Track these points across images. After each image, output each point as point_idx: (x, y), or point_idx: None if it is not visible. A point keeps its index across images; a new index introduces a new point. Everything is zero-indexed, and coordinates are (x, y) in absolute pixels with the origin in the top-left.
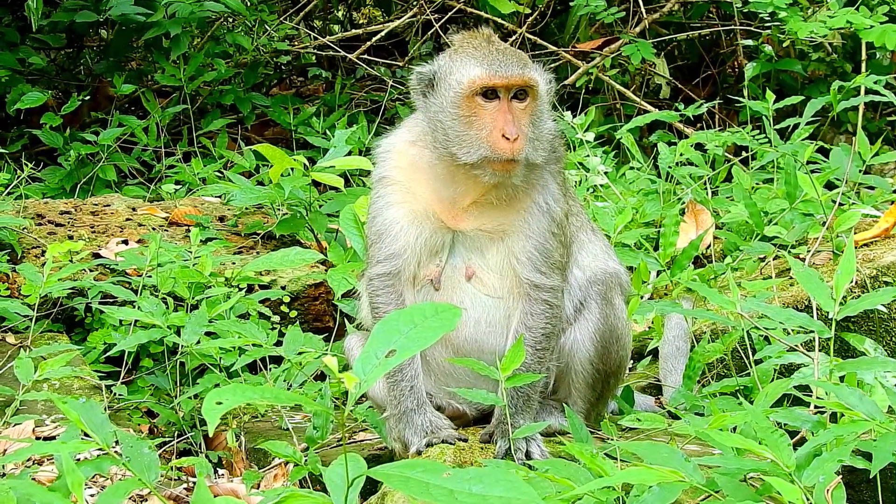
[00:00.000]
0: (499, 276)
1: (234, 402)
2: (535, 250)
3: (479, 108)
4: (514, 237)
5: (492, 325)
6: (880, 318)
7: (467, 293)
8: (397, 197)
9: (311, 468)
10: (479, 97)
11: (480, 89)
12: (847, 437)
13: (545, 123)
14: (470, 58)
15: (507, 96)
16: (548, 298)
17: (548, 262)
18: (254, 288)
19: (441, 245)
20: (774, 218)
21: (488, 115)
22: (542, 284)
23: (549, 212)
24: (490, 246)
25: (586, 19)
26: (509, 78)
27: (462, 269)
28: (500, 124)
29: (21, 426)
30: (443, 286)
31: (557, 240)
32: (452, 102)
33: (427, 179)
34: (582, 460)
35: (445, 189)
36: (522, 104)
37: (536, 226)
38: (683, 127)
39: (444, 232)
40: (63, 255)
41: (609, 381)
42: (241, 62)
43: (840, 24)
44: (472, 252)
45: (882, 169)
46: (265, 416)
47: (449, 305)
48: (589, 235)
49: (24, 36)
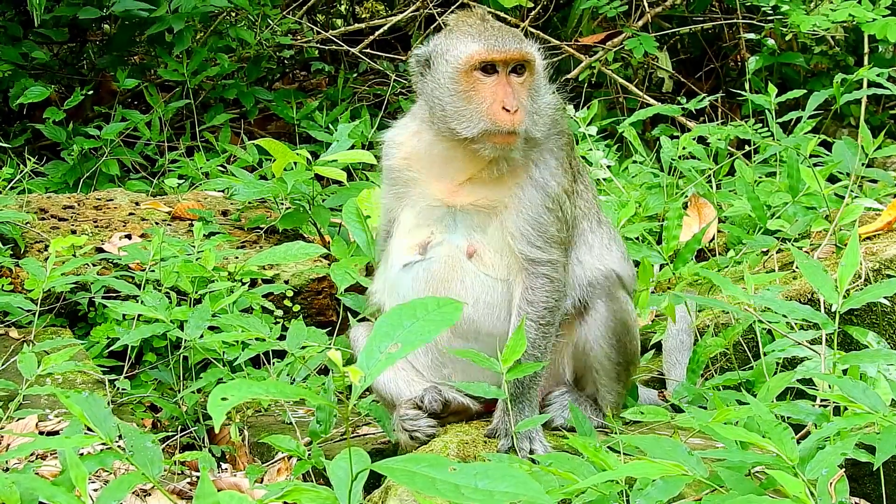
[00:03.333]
0: (499, 255)
1: (239, 397)
2: (527, 225)
3: (477, 83)
4: (507, 212)
5: (490, 307)
6: (883, 311)
7: (468, 271)
8: (398, 189)
9: (315, 462)
10: (478, 72)
11: (479, 64)
12: (850, 431)
13: (543, 98)
14: (466, 35)
15: (506, 71)
16: (547, 272)
17: (543, 236)
18: (257, 282)
19: (435, 219)
20: (777, 211)
21: (487, 89)
22: (538, 258)
23: (543, 186)
24: (488, 223)
25: (589, 13)
26: (507, 52)
27: (464, 247)
28: (500, 97)
29: (24, 421)
30: (442, 264)
31: (553, 215)
32: (451, 78)
33: (426, 163)
34: (585, 454)
35: (443, 168)
36: (520, 78)
37: (529, 200)
38: (686, 120)
39: (441, 208)
40: (66, 249)
41: (629, 370)
42: (244, 56)
43: (842, 18)
44: (473, 230)
45: (885, 162)
46: (268, 410)
47: (451, 300)
48: (593, 225)
49: (27, 30)
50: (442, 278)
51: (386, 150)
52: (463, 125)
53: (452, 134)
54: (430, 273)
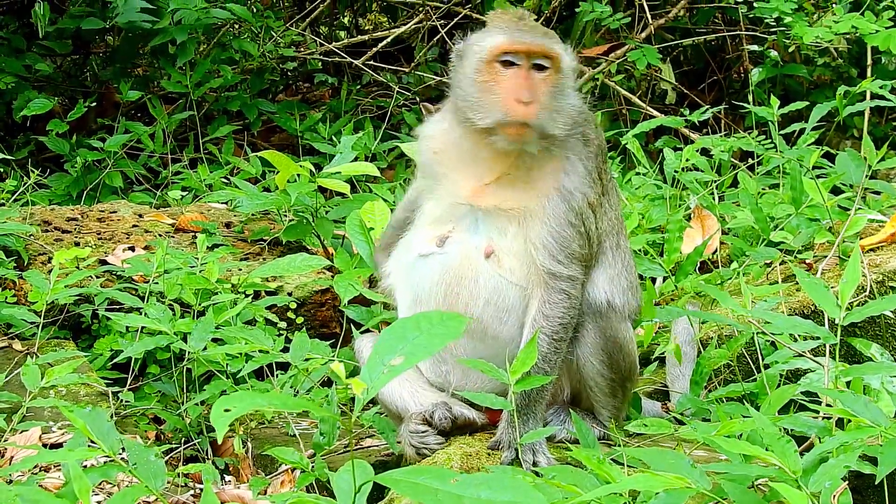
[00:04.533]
0: (518, 261)
1: (242, 409)
2: (550, 237)
3: (497, 75)
4: (531, 221)
5: (500, 310)
6: (886, 323)
7: (482, 271)
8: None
9: (318, 474)
10: (499, 64)
11: (500, 54)
12: (853, 443)
13: (567, 98)
14: (495, 28)
15: (527, 65)
16: (566, 288)
17: (565, 251)
18: (260, 294)
19: (458, 217)
20: (780, 223)
21: (506, 81)
22: (559, 273)
23: (569, 198)
24: (510, 227)
25: (592, 25)
26: (528, 44)
27: (483, 246)
28: (516, 88)
29: (28, 433)
30: (459, 260)
31: (576, 230)
32: (474, 69)
33: (455, 159)
34: (589, 466)
35: (471, 166)
36: (542, 74)
37: (553, 211)
38: (689, 132)
39: (465, 206)
40: (70, 261)
41: (626, 386)
42: (247, 68)
43: (845, 29)
44: (493, 231)
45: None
46: (272, 422)
47: (455, 314)
48: (607, 255)
49: (30, 42)
50: (456, 274)
51: (419, 143)
52: (479, 115)
53: (470, 124)
54: (445, 267)
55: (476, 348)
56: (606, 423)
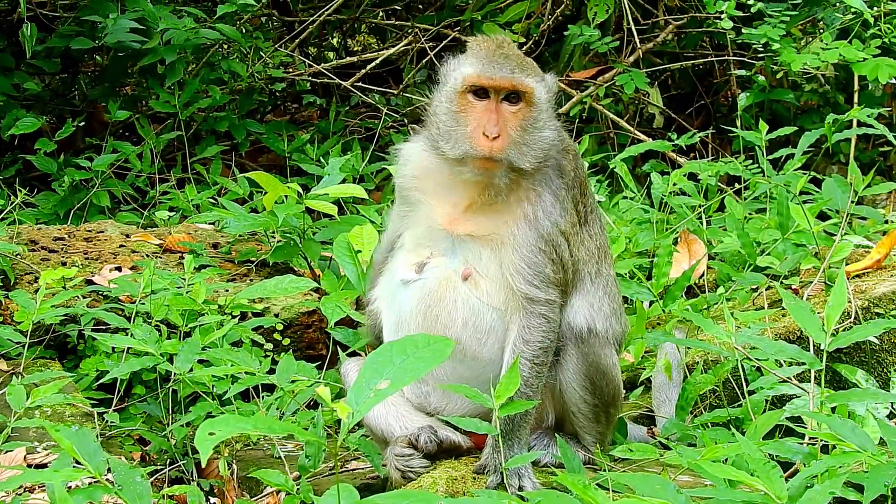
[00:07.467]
0: (495, 284)
1: (226, 432)
2: (523, 263)
3: (469, 106)
4: (503, 248)
5: (479, 331)
6: (872, 349)
7: (460, 293)
8: (405, 208)
9: (304, 497)
10: (471, 95)
11: (471, 87)
12: (839, 469)
13: (539, 132)
14: (471, 56)
15: (497, 98)
16: (544, 312)
17: (539, 276)
18: (247, 315)
19: (435, 242)
20: (767, 248)
21: (476, 112)
22: (537, 298)
23: (537, 226)
24: (483, 252)
25: (580, 48)
26: (497, 80)
27: (460, 269)
28: (483, 122)
29: (13, 453)
30: (437, 283)
31: (547, 257)
32: (448, 98)
33: (431, 185)
34: (574, 491)
35: (447, 192)
36: (514, 107)
37: (523, 239)
38: (677, 156)
39: (442, 232)
40: (56, 281)
41: (609, 411)
42: (235, 89)
43: (833, 58)
44: (469, 255)
45: (874, 199)
46: (257, 444)
47: (441, 337)
48: (585, 282)
49: (18, 61)
50: (435, 297)
51: (398, 166)
52: (449, 146)
53: (440, 153)
54: (425, 291)
55: (456, 370)
56: (591, 447)
